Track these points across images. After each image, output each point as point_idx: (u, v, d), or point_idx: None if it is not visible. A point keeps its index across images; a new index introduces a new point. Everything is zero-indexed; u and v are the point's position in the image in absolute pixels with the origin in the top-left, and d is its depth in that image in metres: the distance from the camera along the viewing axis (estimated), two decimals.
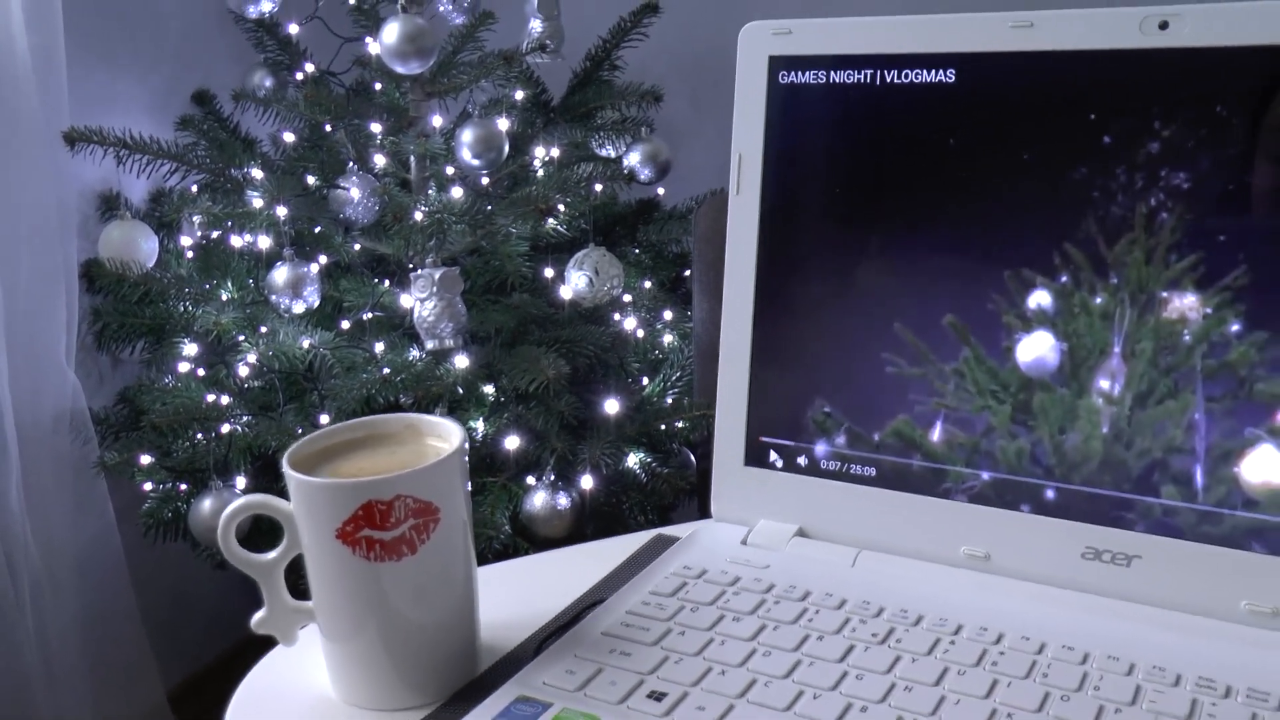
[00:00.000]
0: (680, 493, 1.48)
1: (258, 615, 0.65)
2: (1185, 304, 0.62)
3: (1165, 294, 0.63)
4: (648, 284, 1.61)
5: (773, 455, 0.74)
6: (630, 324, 1.55)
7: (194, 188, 1.60)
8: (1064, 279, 0.65)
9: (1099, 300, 0.64)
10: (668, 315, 1.61)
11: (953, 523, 0.69)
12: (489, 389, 1.42)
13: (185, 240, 1.60)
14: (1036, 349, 0.66)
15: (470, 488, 0.63)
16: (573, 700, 0.59)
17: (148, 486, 1.46)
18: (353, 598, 0.60)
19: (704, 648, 0.62)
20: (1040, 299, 0.66)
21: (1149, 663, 0.60)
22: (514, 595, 0.72)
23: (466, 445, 0.62)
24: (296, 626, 0.65)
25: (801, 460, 0.73)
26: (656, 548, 0.77)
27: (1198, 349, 0.62)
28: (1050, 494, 0.67)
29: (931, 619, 0.64)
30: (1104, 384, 0.65)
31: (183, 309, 1.52)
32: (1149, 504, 0.64)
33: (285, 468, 0.60)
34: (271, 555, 0.63)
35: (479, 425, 1.41)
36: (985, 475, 0.68)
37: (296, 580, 0.64)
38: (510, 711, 0.58)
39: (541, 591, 0.73)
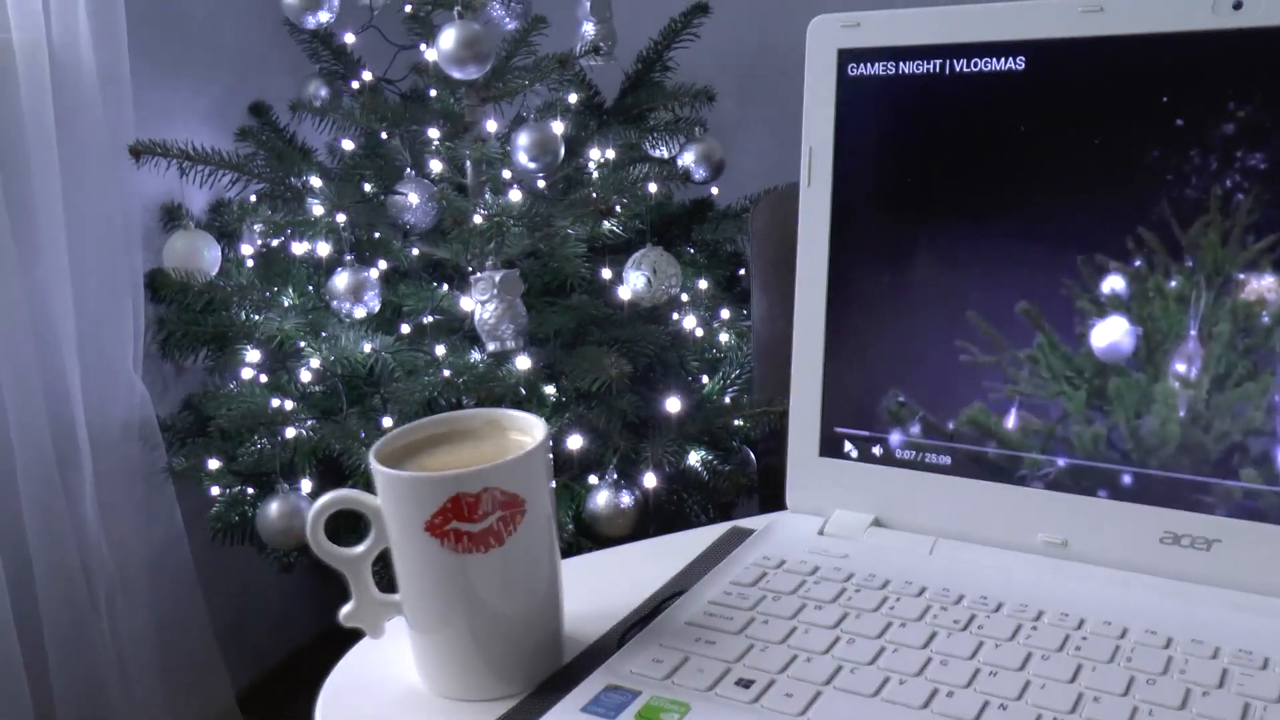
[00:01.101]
0: (742, 490, 1.49)
1: (346, 609, 0.66)
2: (1263, 285, 0.62)
3: (1242, 275, 0.63)
4: (703, 283, 1.62)
5: (847, 445, 0.74)
6: (689, 323, 1.56)
7: (253, 197, 1.62)
8: (1138, 263, 0.65)
9: (1174, 283, 0.64)
10: (725, 314, 1.62)
11: (1029, 510, 0.69)
12: (550, 389, 1.44)
13: (246, 249, 1.62)
14: (1111, 334, 0.66)
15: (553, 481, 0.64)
16: (661, 688, 0.59)
17: (215, 491, 1.48)
18: (441, 589, 0.62)
19: (788, 636, 0.63)
20: (1114, 283, 0.66)
21: (1234, 646, 0.59)
22: (593, 588, 0.73)
23: (550, 439, 0.63)
24: (384, 619, 0.66)
25: (876, 450, 0.74)
26: (732, 540, 0.77)
27: (1277, 330, 0.62)
28: (1127, 479, 0.67)
29: (1012, 605, 0.65)
30: (1180, 367, 0.65)
31: (245, 316, 1.54)
32: (1228, 487, 0.64)
33: (373, 462, 0.61)
34: (359, 549, 0.64)
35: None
36: (1061, 461, 0.68)
37: (378, 574, 0.65)
38: (600, 700, 0.59)
39: (621, 585, 0.74)
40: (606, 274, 1.56)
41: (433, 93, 1.62)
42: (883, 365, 0.73)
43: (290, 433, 1.43)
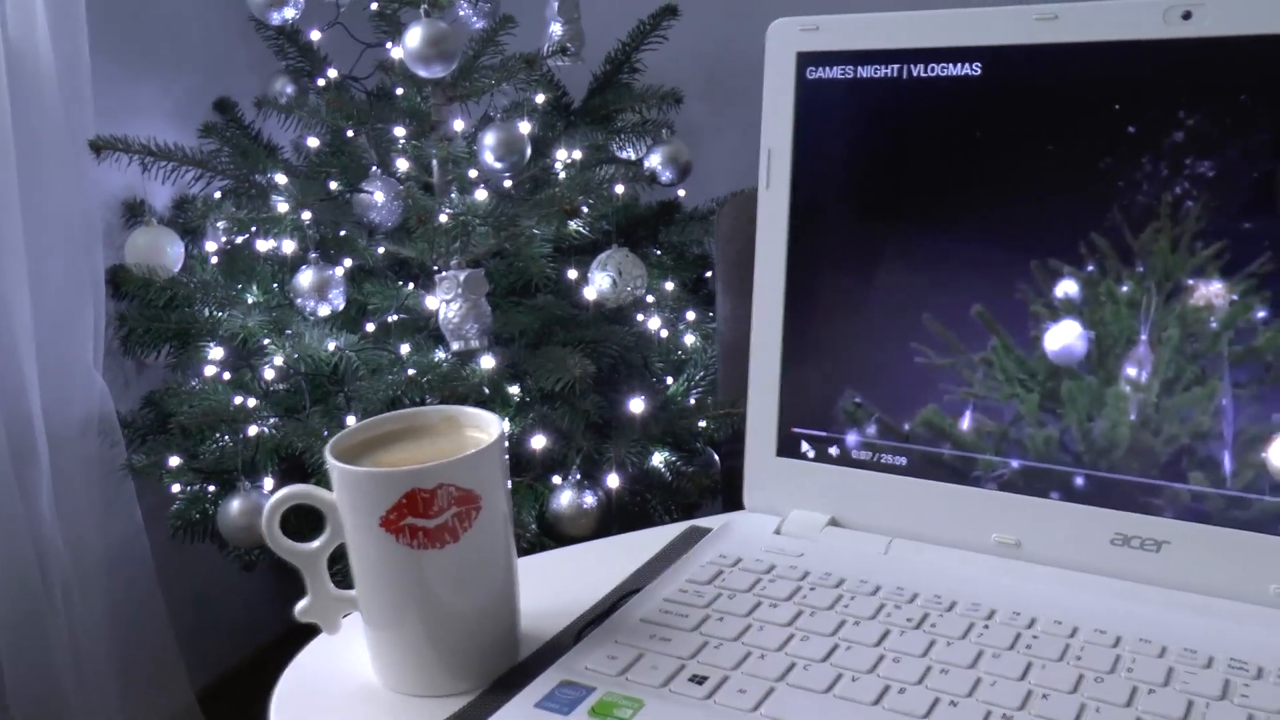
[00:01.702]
0: (705, 491, 1.50)
1: (301, 604, 0.66)
2: (1211, 291, 0.63)
3: (1191, 281, 0.64)
4: (669, 285, 1.62)
5: (804, 446, 0.75)
6: (654, 324, 1.56)
7: (217, 194, 1.62)
8: (1090, 268, 0.66)
9: (1125, 288, 0.65)
10: (690, 316, 1.63)
11: (983, 510, 0.70)
12: (514, 389, 1.44)
13: (210, 246, 1.62)
14: (1064, 337, 0.67)
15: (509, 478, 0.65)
16: (615, 684, 0.60)
17: (176, 488, 1.47)
18: (396, 585, 0.62)
19: (743, 633, 0.63)
20: (1067, 288, 0.67)
21: (1180, 645, 0.60)
22: (551, 586, 0.74)
23: (506, 436, 0.63)
24: (340, 615, 0.66)
25: (833, 450, 0.74)
26: (690, 539, 0.78)
27: (1224, 335, 0.63)
28: (1079, 481, 0.67)
29: (965, 604, 0.65)
30: (1131, 371, 0.65)
31: (208, 313, 1.54)
32: (1177, 490, 0.65)
33: (329, 458, 0.61)
34: (315, 545, 0.64)
35: (505, 426, 1.42)
36: (1014, 463, 0.69)
37: (334, 572, 0.65)
38: (555, 695, 0.59)
39: (577, 582, 0.74)
40: (572, 274, 1.56)
41: (399, 91, 1.61)
42: (839, 367, 0.74)
43: (253, 430, 1.43)
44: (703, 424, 1.48)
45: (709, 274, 1.77)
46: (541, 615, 0.70)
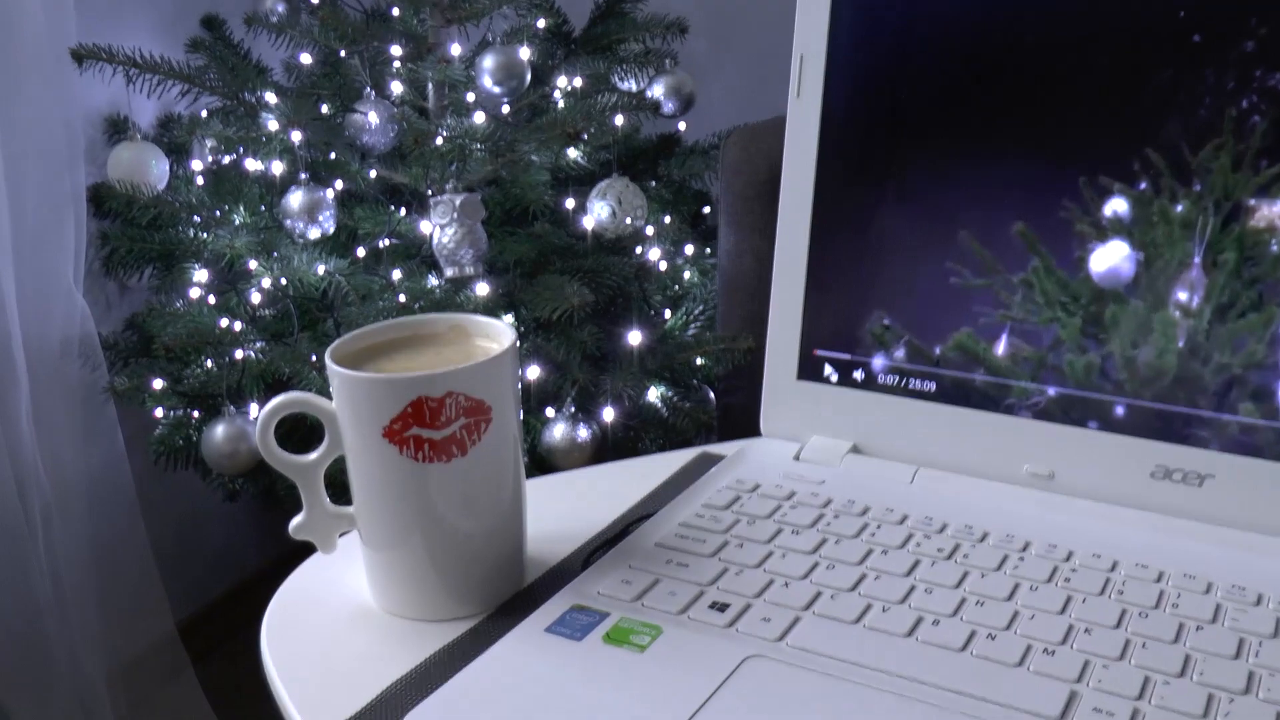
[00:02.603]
0: (700, 427, 1.46)
1: (296, 520, 0.62)
2: (1274, 212, 0.59)
3: (1253, 202, 0.60)
4: (667, 219, 1.58)
5: (827, 369, 0.71)
6: (653, 255, 1.52)
7: (205, 112, 1.56)
8: (1143, 186, 0.62)
9: (1180, 208, 0.61)
10: (689, 250, 1.59)
11: (1016, 440, 0.66)
12: (509, 319, 1.40)
13: (196, 165, 1.56)
14: (1111, 259, 0.63)
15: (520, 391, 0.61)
16: (630, 610, 0.56)
17: (159, 413, 1.43)
18: (398, 501, 0.58)
19: (764, 560, 0.60)
20: (1116, 206, 0.63)
21: (1227, 581, 0.57)
22: (556, 511, 0.70)
23: (517, 345, 0.59)
24: (336, 533, 0.63)
25: (857, 374, 0.70)
26: (703, 464, 0.74)
27: None
28: (1120, 410, 0.64)
29: (997, 536, 0.62)
30: (1182, 296, 0.62)
31: (193, 234, 1.49)
32: (1224, 421, 0.62)
33: (329, 363, 0.57)
34: (312, 456, 0.60)
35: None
36: (1051, 391, 0.65)
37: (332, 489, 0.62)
38: (565, 620, 0.56)
39: (585, 506, 0.71)
40: (570, 204, 1.52)
41: (395, 11, 1.56)
42: (868, 286, 0.70)
43: (239, 355, 1.38)
44: (700, 360, 1.45)
45: (708, 209, 1.73)
46: (547, 540, 0.66)
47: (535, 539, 0.65)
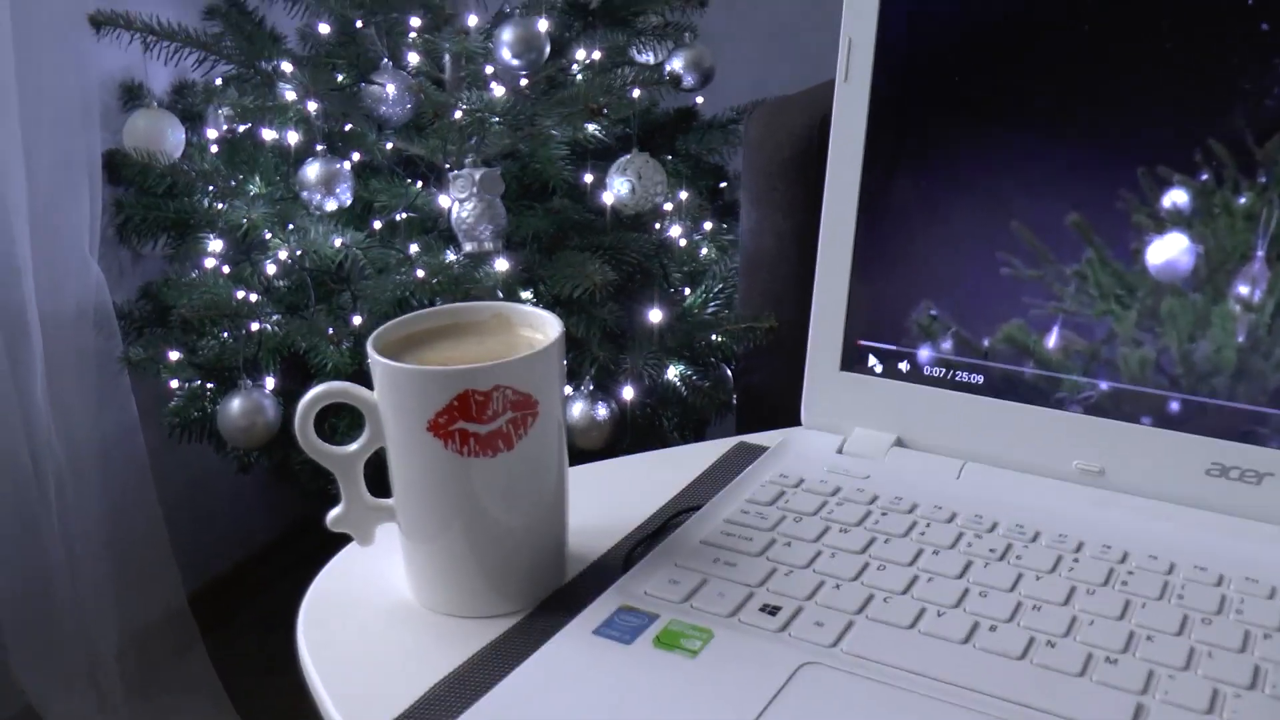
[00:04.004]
0: (719, 407, 1.45)
1: (334, 512, 0.61)
2: None
3: None
4: (684, 194, 1.56)
5: (871, 360, 0.70)
6: (674, 232, 1.50)
7: (220, 80, 1.54)
8: (1204, 176, 0.60)
9: (1243, 200, 0.60)
10: (707, 227, 1.57)
11: (1066, 435, 0.65)
12: (528, 295, 1.38)
13: (211, 133, 1.54)
14: (1169, 251, 0.62)
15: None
16: (680, 612, 0.55)
17: (174, 384, 1.42)
18: (441, 495, 0.56)
19: (813, 560, 0.59)
20: (1176, 198, 0.61)
21: None
22: (593, 501, 0.69)
23: (564, 336, 0.58)
24: (375, 525, 0.61)
25: (903, 366, 0.69)
26: (741, 456, 0.73)
27: None
28: (1174, 406, 0.63)
29: (1049, 535, 0.61)
30: (1243, 290, 0.60)
31: (209, 203, 1.47)
32: None
33: (372, 353, 0.56)
34: (353, 448, 0.59)
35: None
36: (1104, 385, 0.64)
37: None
38: (614, 623, 0.54)
39: (622, 498, 0.69)
40: (588, 179, 1.50)
41: None
42: (915, 275, 0.68)
43: (255, 327, 1.37)
44: (718, 339, 1.43)
45: (724, 185, 1.71)
46: (585, 533, 0.65)
47: (573, 532, 0.63)
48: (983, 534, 0.61)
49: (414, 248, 1.40)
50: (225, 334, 1.39)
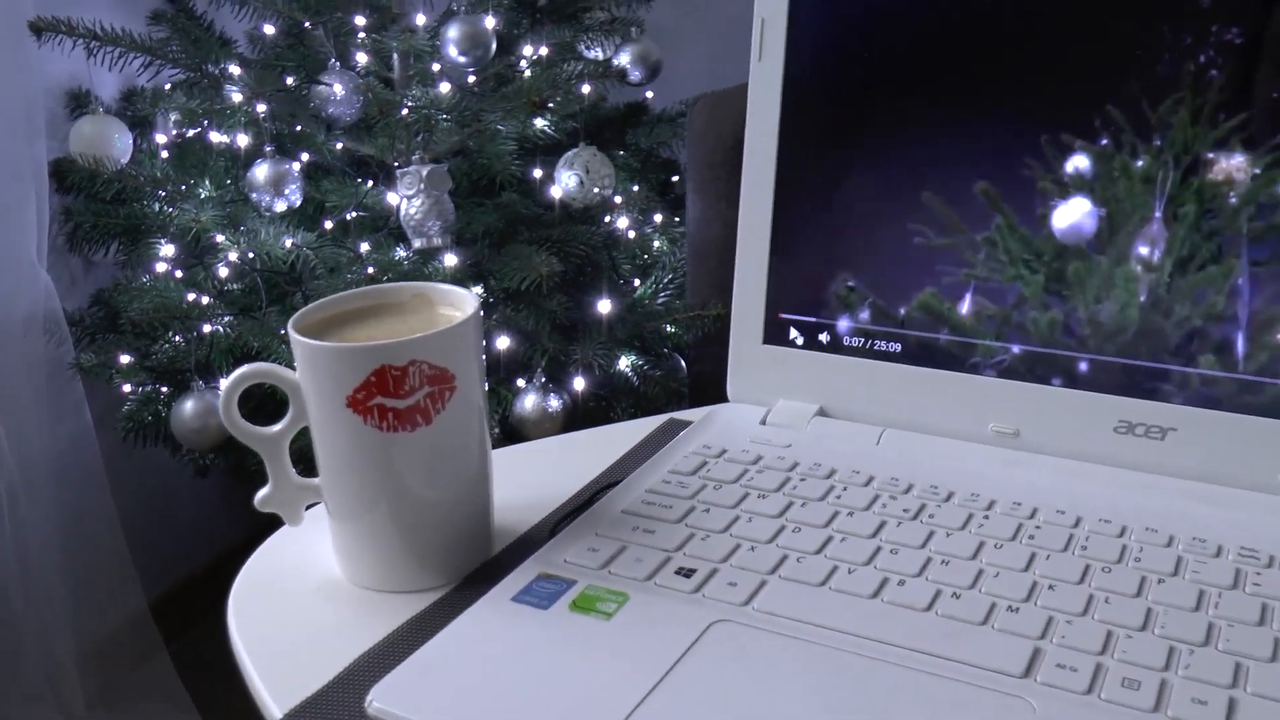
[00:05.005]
0: (672, 396, 1.46)
1: (262, 493, 0.62)
2: (1232, 165, 0.60)
3: (1211, 155, 0.60)
4: (635, 188, 1.58)
5: (793, 333, 0.71)
6: (622, 224, 1.52)
7: (168, 85, 1.55)
8: (1104, 142, 0.62)
9: (1141, 163, 0.61)
10: (658, 219, 1.58)
11: (981, 399, 0.67)
12: (478, 289, 1.39)
13: (160, 138, 1.55)
14: (1073, 215, 0.63)
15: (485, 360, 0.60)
16: (597, 577, 0.56)
17: (126, 388, 1.42)
18: (364, 471, 0.58)
19: (730, 525, 0.60)
20: (1078, 163, 0.63)
21: (1189, 535, 0.58)
22: (524, 480, 0.70)
23: (481, 312, 0.59)
24: (303, 505, 0.62)
25: (823, 337, 0.70)
26: (671, 430, 0.74)
27: (1244, 211, 0.59)
28: (1083, 366, 0.64)
29: (963, 495, 0.62)
30: (1143, 250, 0.62)
31: (159, 208, 1.47)
32: (1186, 374, 0.62)
33: (292, 333, 0.57)
34: (277, 428, 0.60)
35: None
36: (1015, 349, 0.66)
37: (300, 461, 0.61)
38: (532, 589, 0.55)
39: (552, 476, 0.71)
40: (537, 174, 1.51)
41: None
42: (832, 248, 0.70)
43: (206, 329, 1.37)
44: (670, 328, 1.45)
45: (676, 178, 1.73)
46: (515, 509, 0.66)
47: (504, 508, 0.65)
48: (898, 495, 0.62)
49: (364, 246, 1.41)
50: (177, 337, 1.40)
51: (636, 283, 1.52)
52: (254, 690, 0.55)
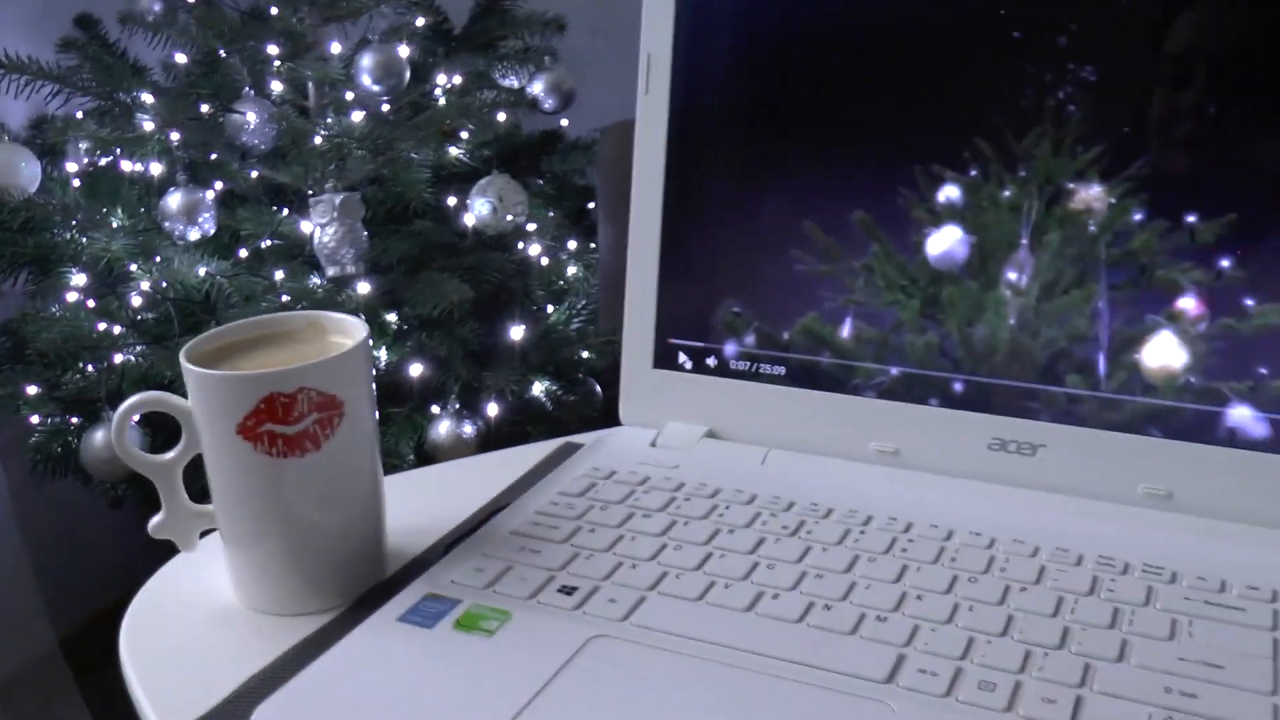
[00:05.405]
0: (587, 420, 1.48)
1: (155, 519, 0.62)
2: (1090, 195, 0.63)
3: (1072, 185, 0.63)
4: (551, 214, 1.60)
5: (681, 357, 0.73)
6: (534, 251, 1.54)
7: (79, 113, 1.54)
8: (973, 172, 0.65)
9: (1008, 193, 0.64)
10: (572, 245, 1.60)
11: (862, 419, 0.69)
12: (391, 317, 1.40)
13: (71, 167, 1.54)
14: (945, 242, 0.66)
15: (375, 388, 0.62)
16: (481, 596, 0.58)
17: (35, 419, 1.41)
18: (255, 497, 0.59)
19: (614, 544, 0.62)
20: (949, 193, 0.66)
21: (1052, 545, 0.60)
22: (421, 503, 0.71)
23: (370, 340, 0.60)
24: (196, 531, 0.63)
25: (710, 361, 0.73)
26: (564, 453, 0.76)
27: (1102, 239, 0.63)
28: (958, 387, 0.67)
29: (841, 511, 0.64)
30: (1012, 275, 0.65)
31: (70, 237, 1.47)
32: (1053, 393, 0.65)
33: (184, 362, 0.58)
34: (169, 455, 0.61)
35: (382, 354, 1.39)
36: (894, 370, 0.68)
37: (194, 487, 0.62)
38: (418, 609, 0.57)
39: (449, 499, 0.72)
40: (451, 201, 1.53)
41: (274, 10, 1.55)
42: (718, 276, 0.72)
43: (118, 359, 1.37)
44: (585, 354, 1.47)
45: (591, 205, 1.75)
46: (410, 532, 0.67)
47: (398, 531, 0.66)
48: (778, 513, 0.64)
49: (279, 274, 1.41)
50: (89, 367, 1.39)
51: (550, 309, 1.54)
52: (142, 714, 0.55)
